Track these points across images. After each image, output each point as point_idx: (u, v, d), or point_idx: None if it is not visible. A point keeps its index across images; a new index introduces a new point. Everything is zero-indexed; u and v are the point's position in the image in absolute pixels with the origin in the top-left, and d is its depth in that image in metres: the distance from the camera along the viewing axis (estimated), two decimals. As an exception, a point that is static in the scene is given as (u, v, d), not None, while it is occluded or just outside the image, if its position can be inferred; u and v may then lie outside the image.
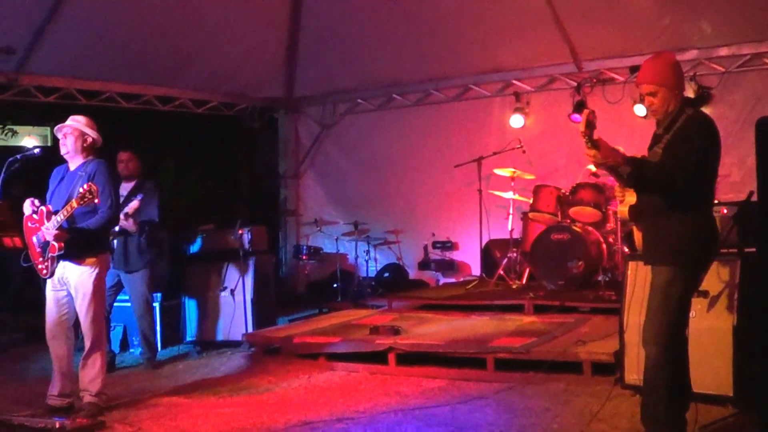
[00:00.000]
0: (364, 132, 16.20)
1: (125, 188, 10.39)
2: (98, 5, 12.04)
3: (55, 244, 7.64)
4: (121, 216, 9.68)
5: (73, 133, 8.01)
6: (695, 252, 5.77)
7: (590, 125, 5.73)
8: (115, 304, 10.66)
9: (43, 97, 13.26)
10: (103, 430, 7.40)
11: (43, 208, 7.78)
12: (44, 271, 7.85)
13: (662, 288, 5.80)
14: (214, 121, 17.38)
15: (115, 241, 10.24)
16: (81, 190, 7.39)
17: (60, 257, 7.74)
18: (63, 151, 8.08)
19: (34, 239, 7.84)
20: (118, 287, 10.52)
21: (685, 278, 5.76)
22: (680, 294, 5.74)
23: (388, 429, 7.16)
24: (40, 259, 7.85)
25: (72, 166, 8.09)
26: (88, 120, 8.14)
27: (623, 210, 6.23)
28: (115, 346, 10.91)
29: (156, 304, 11.32)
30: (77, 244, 7.74)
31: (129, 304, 10.74)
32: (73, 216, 7.67)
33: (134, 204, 10.03)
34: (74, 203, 7.43)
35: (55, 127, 8.24)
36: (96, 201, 7.50)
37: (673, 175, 5.66)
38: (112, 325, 10.83)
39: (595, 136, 5.73)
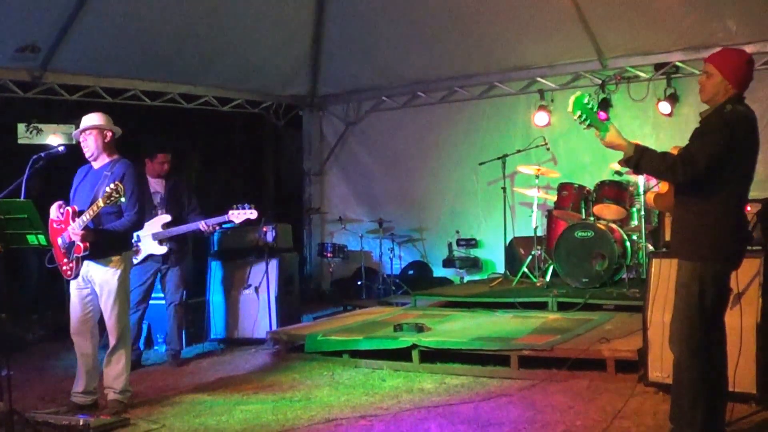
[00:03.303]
0: (389, 130, 16.21)
1: (157, 184, 10.56)
2: (123, 3, 12.10)
3: (80, 245, 7.65)
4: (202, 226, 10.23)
5: (91, 133, 7.99)
6: (713, 246, 5.70)
7: (583, 108, 5.79)
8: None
9: (68, 95, 13.34)
10: (127, 427, 7.43)
11: (68, 208, 7.79)
12: (68, 273, 7.86)
13: (683, 285, 5.80)
14: (239, 119, 17.44)
15: (169, 244, 10.40)
16: (107, 189, 7.39)
17: (84, 258, 7.76)
18: (87, 154, 8.03)
19: (59, 240, 7.85)
20: (152, 288, 10.59)
21: (704, 275, 5.69)
22: (699, 292, 5.68)
23: (411, 426, 7.15)
24: (65, 260, 7.87)
25: (96, 165, 8.06)
26: (101, 115, 8.09)
27: (649, 196, 6.24)
28: (140, 344, 10.93)
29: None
30: (102, 244, 7.76)
31: (156, 302, 10.80)
32: (99, 216, 7.70)
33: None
34: (100, 203, 7.44)
35: (73, 134, 8.27)
36: (122, 200, 7.52)
37: (674, 167, 5.66)
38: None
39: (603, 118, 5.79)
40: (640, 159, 5.81)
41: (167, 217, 10.31)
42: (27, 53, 12.10)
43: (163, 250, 10.30)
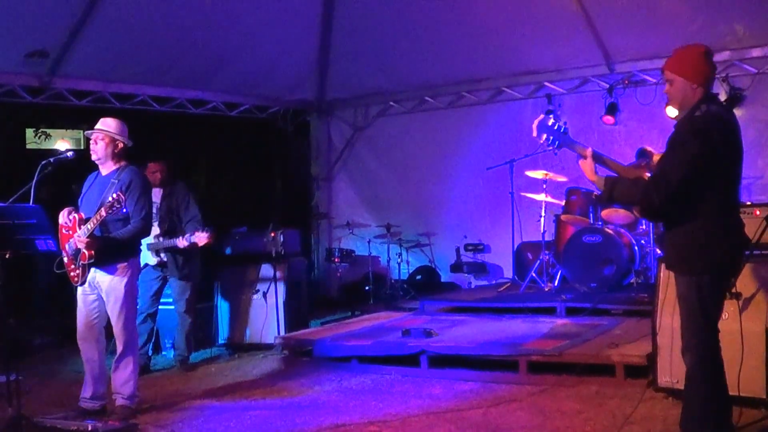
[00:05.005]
0: (397, 134, 16.20)
1: (155, 194, 10.44)
2: (131, 8, 12.10)
3: (86, 252, 7.66)
4: (180, 243, 10.11)
5: (104, 139, 7.98)
6: (707, 260, 5.57)
7: (549, 130, 5.87)
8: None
9: (77, 101, 13.37)
10: (136, 433, 7.46)
11: (75, 215, 7.78)
12: (75, 279, 7.86)
13: (682, 298, 5.73)
14: (247, 125, 17.43)
15: (164, 255, 10.39)
16: (110, 199, 7.41)
17: (91, 265, 7.76)
18: (93, 157, 8.05)
19: (67, 246, 7.86)
20: (160, 293, 10.59)
21: (701, 285, 5.58)
22: (698, 303, 5.59)
23: (420, 432, 7.16)
24: (72, 266, 7.88)
25: (104, 172, 8.08)
26: (118, 124, 8.09)
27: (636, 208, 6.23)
28: (148, 349, 10.93)
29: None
30: (108, 252, 7.75)
31: (165, 308, 10.81)
32: (105, 223, 7.70)
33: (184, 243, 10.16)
34: (102, 212, 7.45)
35: (86, 132, 8.28)
36: (123, 210, 7.54)
37: (647, 193, 5.58)
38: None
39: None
40: (611, 192, 5.80)
41: (156, 230, 10.29)
42: (35, 59, 12.12)
43: (154, 261, 10.33)
